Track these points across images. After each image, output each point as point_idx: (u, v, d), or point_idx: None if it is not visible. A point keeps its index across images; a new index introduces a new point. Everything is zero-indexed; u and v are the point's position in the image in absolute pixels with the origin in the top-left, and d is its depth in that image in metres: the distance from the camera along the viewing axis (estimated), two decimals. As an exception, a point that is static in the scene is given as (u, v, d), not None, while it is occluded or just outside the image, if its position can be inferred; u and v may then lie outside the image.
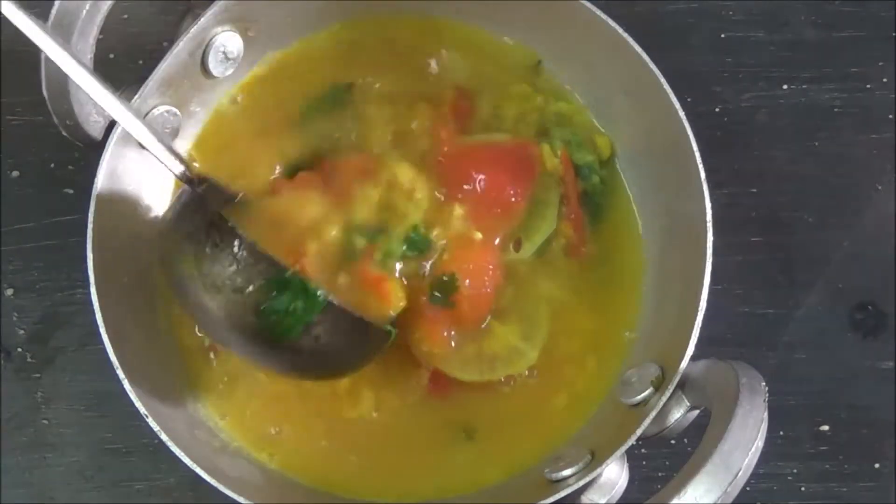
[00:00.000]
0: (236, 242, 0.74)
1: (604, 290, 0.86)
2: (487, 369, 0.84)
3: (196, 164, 0.87)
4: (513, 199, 0.85)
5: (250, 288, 0.74)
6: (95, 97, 0.74)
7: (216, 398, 0.85)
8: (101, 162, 0.81)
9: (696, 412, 0.77)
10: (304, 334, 0.75)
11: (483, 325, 0.84)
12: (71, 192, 0.94)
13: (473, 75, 0.89)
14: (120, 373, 0.78)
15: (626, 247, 0.87)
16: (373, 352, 0.80)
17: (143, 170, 0.86)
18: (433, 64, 0.90)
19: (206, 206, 0.77)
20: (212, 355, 0.85)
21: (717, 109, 0.96)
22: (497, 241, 0.85)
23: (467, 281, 0.83)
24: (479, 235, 0.84)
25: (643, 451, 0.90)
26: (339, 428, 0.84)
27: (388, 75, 0.89)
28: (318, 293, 0.75)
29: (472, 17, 0.90)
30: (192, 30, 0.82)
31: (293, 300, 0.74)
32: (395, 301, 0.81)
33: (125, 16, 0.95)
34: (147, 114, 0.83)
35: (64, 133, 0.80)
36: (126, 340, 0.81)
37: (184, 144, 0.88)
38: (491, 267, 0.84)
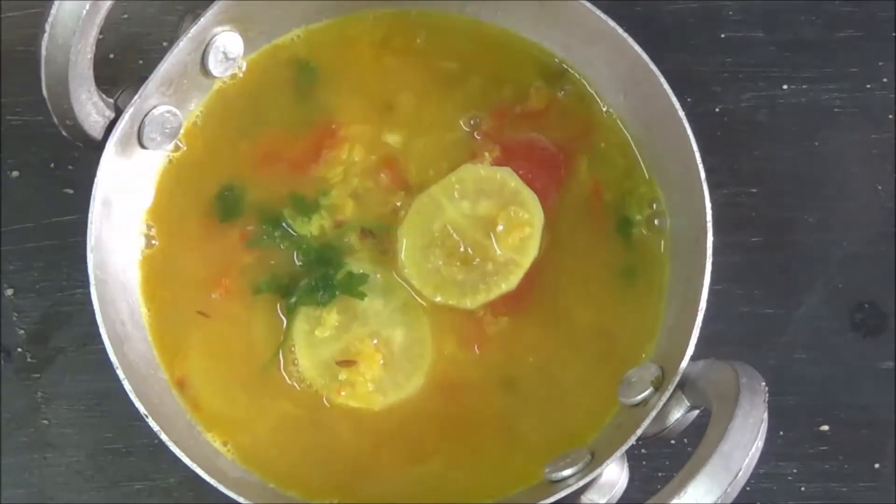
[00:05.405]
0: None
1: (625, 301, 0.86)
2: (484, 289, 0.85)
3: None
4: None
5: None
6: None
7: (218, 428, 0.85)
8: (101, 162, 0.81)
9: (696, 412, 0.77)
10: None
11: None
12: (71, 192, 0.94)
13: (493, 71, 0.89)
14: (120, 373, 0.78)
15: (650, 262, 0.86)
16: None
17: (143, 169, 0.86)
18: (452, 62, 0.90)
19: None
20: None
21: (717, 109, 0.96)
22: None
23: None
24: None
25: (643, 451, 0.90)
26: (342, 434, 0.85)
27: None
28: None
29: (482, 14, 0.90)
30: (192, 30, 0.82)
31: None
32: None
33: (125, 16, 0.95)
34: (147, 114, 0.83)
35: (64, 133, 0.80)
36: (126, 340, 0.81)
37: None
38: None
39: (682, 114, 0.82)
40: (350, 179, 0.87)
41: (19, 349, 0.92)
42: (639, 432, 0.76)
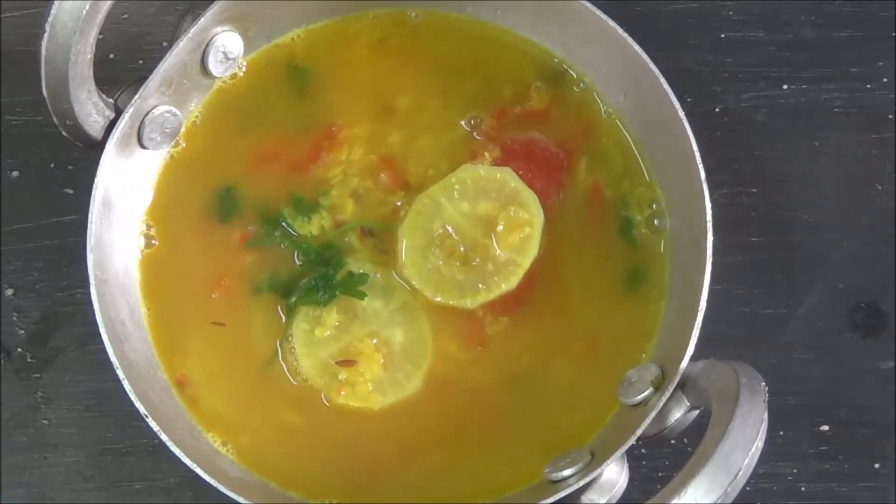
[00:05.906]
0: None
1: (625, 301, 0.86)
2: (484, 288, 0.84)
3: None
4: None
5: None
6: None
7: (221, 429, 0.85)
8: (101, 162, 0.81)
9: (696, 412, 0.77)
10: None
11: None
12: (71, 192, 0.94)
13: (493, 71, 0.89)
14: (120, 373, 0.78)
15: (650, 262, 0.86)
16: None
17: (143, 169, 0.86)
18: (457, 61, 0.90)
19: None
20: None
21: (717, 109, 0.96)
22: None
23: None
24: None
25: (643, 451, 0.90)
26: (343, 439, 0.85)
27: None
28: None
29: (482, 14, 0.90)
30: (192, 30, 0.82)
31: None
32: None
33: (125, 16, 0.95)
34: (147, 114, 0.83)
35: (64, 133, 0.80)
36: (126, 340, 0.81)
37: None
38: None
39: (682, 114, 0.82)
40: (350, 179, 0.87)
41: (19, 349, 0.92)
42: (639, 432, 0.76)
